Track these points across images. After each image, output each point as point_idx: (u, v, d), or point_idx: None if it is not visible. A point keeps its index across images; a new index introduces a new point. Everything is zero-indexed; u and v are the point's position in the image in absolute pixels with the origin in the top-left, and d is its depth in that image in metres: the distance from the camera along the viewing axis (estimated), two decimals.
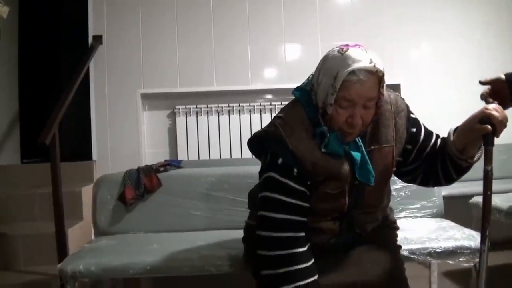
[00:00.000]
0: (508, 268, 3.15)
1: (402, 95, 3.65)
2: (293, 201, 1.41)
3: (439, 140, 1.54)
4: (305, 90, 1.46)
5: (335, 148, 1.39)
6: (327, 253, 1.49)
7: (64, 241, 2.68)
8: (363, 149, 1.42)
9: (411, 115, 1.53)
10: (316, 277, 1.39)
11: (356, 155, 1.41)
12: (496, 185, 3.02)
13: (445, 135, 1.49)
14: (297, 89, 1.49)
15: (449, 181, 1.54)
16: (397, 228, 1.67)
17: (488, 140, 1.37)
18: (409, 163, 1.55)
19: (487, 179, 1.36)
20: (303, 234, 1.42)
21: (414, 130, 1.52)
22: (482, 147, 1.42)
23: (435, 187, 2.42)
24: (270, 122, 1.47)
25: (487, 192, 1.36)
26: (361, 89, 1.32)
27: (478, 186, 1.43)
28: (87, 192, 3.01)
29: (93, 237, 2.43)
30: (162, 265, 1.87)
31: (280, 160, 1.41)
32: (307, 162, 1.39)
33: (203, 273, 1.88)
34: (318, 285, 1.39)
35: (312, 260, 1.42)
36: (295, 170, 1.40)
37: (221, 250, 1.92)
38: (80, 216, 3.18)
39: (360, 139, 1.42)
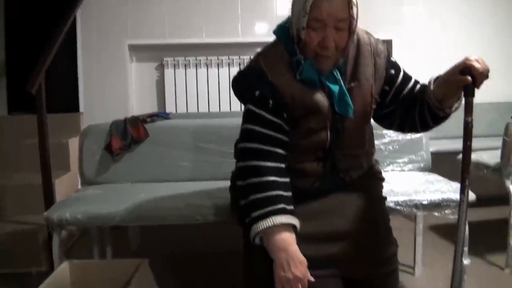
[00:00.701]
0: (494, 224, 3.20)
1: (394, 52, 3.66)
2: (269, 132, 1.42)
3: (418, 86, 1.55)
4: (284, 27, 1.48)
5: (309, 75, 1.40)
6: (311, 199, 1.48)
7: (51, 192, 2.68)
8: (341, 82, 1.43)
9: (391, 58, 1.54)
10: (288, 206, 1.39)
11: (334, 87, 1.42)
12: (484, 143, 3.07)
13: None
14: (277, 26, 1.52)
15: (425, 128, 1.56)
16: (383, 179, 1.66)
17: (468, 91, 1.35)
18: (386, 105, 1.56)
19: (467, 130, 1.35)
20: (279, 165, 1.42)
21: (393, 72, 1.53)
22: (462, 98, 1.41)
23: (424, 141, 2.43)
24: (251, 59, 1.49)
25: (467, 143, 1.36)
26: (329, 8, 1.32)
27: None
28: (74, 144, 2.99)
29: (80, 187, 2.42)
30: (148, 214, 1.87)
31: (257, 93, 1.43)
32: (285, 94, 1.41)
33: (190, 222, 1.89)
34: (291, 213, 1.39)
35: (289, 193, 1.42)
36: (271, 101, 1.41)
37: (208, 200, 1.92)
38: (67, 167, 3.18)
39: (338, 74, 1.43)
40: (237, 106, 3.58)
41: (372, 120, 1.58)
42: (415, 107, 1.51)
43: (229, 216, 1.81)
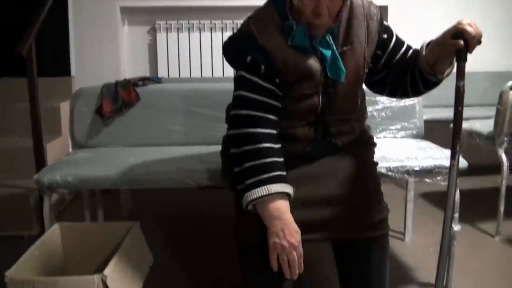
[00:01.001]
0: (485, 193, 3.22)
1: (389, 19, 3.62)
2: (261, 98, 1.39)
3: (410, 51, 1.53)
4: None
5: (301, 40, 1.37)
6: (302, 164, 1.47)
7: (42, 156, 2.67)
8: (334, 47, 1.40)
9: (384, 22, 1.52)
10: (282, 172, 1.38)
11: (326, 52, 1.40)
12: (477, 112, 3.06)
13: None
14: None
15: (416, 93, 1.55)
16: (374, 145, 1.66)
17: (460, 56, 1.33)
18: (378, 70, 1.54)
19: (459, 95, 1.33)
20: (272, 131, 1.41)
21: (385, 36, 1.51)
22: (454, 63, 1.39)
23: (417, 109, 2.42)
24: (242, 23, 1.46)
25: (458, 108, 1.34)
26: None
27: None
28: (65, 108, 2.96)
29: (70, 151, 2.41)
30: (139, 177, 1.86)
31: (248, 58, 1.40)
32: (277, 58, 1.38)
33: (181, 186, 1.88)
34: (285, 180, 1.38)
35: (282, 159, 1.41)
36: (263, 67, 1.39)
37: (199, 164, 1.91)
38: (59, 131, 3.16)
39: (331, 38, 1.41)
40: (230, 71, 3.54)
41: (364, 86, 1.56)
42: (407, 72, 1.50)
43: (220, 180, 1.80)
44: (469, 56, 1.34)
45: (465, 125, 2.77)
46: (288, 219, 1.36)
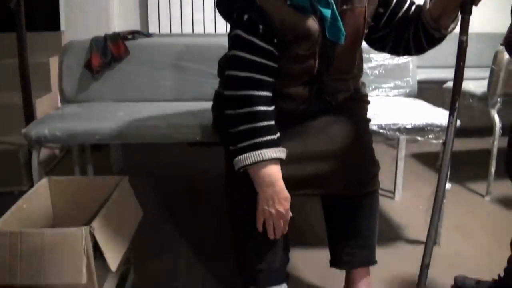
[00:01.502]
0: (477, 154, 3.23)
1: None
2: (259, 59, 1.35)
3: (413, 7, 1.48)
4: None
5: (301, 1, 1.32)
6: (295, 120, 1.45)
7: (32, 112, 2.64)
8: (334, 6, 1.34)
9: None
10: (276, 135, 1.37)
11: (326, 11, 1.34)
12: (471, 73, 3.04)
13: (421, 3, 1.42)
14: None
15: (419, 50, 1.51)
16: (368, 102, 1.64)
17: (465, 8, 1.29)
18: (380, 28, 1.50)
19: (461, 49, 1.30)
20: (268, 93, 1.38)
21: None
22: (458, 18, 1.35)
23: (410, 67, 2.39)
24: None
25: (460, 63, 1.31)
26: None
27: (451, 72, 1.39)
28: (55, 63, 2.90)
29: (60, 105, 2.37)
30: (129, 132, 1.83)
31: (245, 17, 1.34)
32: (275, 18, 1.32)
33: (171, 141, 1.86)
34: (279, 144, 1.36)
35: (274, 121, 1.38)
36: (261, 27, 1.33)
37: (189, 119, 1.88)
38: (48, 87, 3.12)
39: None
40: (222, 28, 3.48)
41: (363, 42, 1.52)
42: (409, 28, 1.45)
43: (211, 136, 1.78)
44: None
45: None
46: (280, 186, 1.35)
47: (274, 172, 1.35)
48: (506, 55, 2.33)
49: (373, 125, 1.83)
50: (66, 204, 1.75)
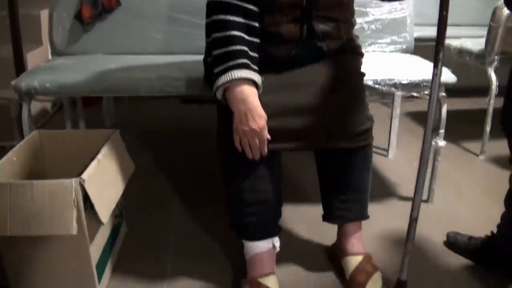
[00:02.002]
0: (473, 114, 3.21)
1: None
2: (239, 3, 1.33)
3: None
4: None
5: None
6: (286, 70, 1.42)
7: (23, 65, 2.58)
8: None
9: None
10: (249, 61, 1.34)
11: None
12: (469, 31, 2.98)
13: None
14: None
15: None
16: (362, 54, 1.60)
17: None
18: None
19: None
20: (247, 22, 1.35)
21: None
22: None
23: (408, 22, 2.34)
24: None
25: (443, 12, 1.26)
26: None
27: (449, 30, 1.35)
28: (46, 16, 2.83)
29: (50, 58, 2.32)
30: (120, 84, 1.80)
31: None
32: None
33: (162, 94, 1.82)
34: (251, 68, 1.34)
35: (255, 54, 1.37)
36: None
37: (180, 72, 1.84)
38: (39, 41, 3.06)
39: None
40: None
41: None
42: None
43: (202, 89, 1.76)
44: None
45: (456, 43, 2.72)
46: (253, 103, 1.32)
47: (246, 90, 1.32)
48: (505, 11, 2.28)
49: (368, 80, 1.80)
50: (57, 158, 1.74)
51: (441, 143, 1.95)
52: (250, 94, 1.32)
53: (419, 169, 1.37)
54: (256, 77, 1.33)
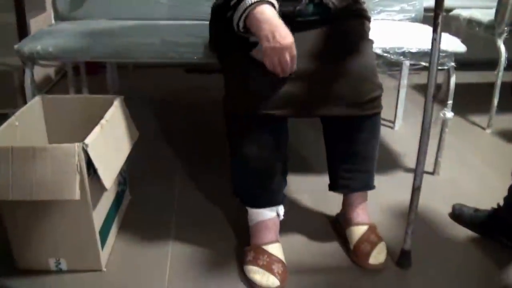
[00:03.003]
0: (482, 87, 3.17)
1: None
2: None
3: None
4: None
5: None
6: (293, 30, 1.37)
7: (26, 32, 2.58)
8: None
9: None
10: None
11: None
12: (479, 2, 2.92)
13: None
14: None
15: None
16: (368, 19, 1.55)
17: None
18: None
19: None
20: None
21: None
22: None
23: None
24: None
25: None
26: None
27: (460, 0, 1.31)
28: None
29: (53, 22, 2.28)
30: (124, 50, 1.76)
31: None
32: None
33: (166, 60, 1.79)
34: None
35: None
36: None
37: (185, 38, 1.80)
38: (43, 7, 3.02)
39: None
40: None
41: None
42: None
43: (208, 56, 1.72)
44: None
45: (465, 13, 2.67)
46: (277, 22, 1.28)
47: (268, 10, 1.28)
48: None
49: (376, 48, 1.75)
50: (60, 123, 1.71)
51: (449, 114, 1.92)
52: (273, 15, 1.28)
53: (421, 137, 1.36)
54: (274, 1, 1.31)
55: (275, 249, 1.46)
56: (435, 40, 1.27)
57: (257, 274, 1.39)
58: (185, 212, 1.77)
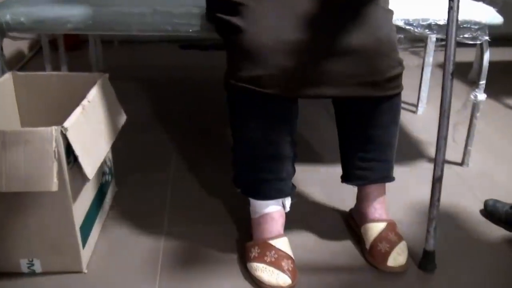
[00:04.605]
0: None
1: None
2: None
3: None
4: None
5: None
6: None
7: None
8: None
9: None
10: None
11: None
12: None
13: None
14: None
15: None
16: None
17: None
18: None
19: None
20: None
21: None
22: None
23: None
24: None
25: None
26: None
27: None
28: None
29: None
30: (108, 20, 1.75)
31: None
32: None
33: (157, 33, 1.78)
34: None
35: None
36: None
37: (179, 8, 1.78)
38: None
39: None
40: None
41: None
42: None
43: (204, 29, 1.72)
44: None
45: None
46: None
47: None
48: None
49: (397, 20, 1.74)
50: (35, 105, 1.71)
51: (481, 96, 1.91)
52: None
53: (440, 119, 1.35)
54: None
55: (283, 243, 1.46)
56: (452, 9, 1.27)
57: (265, 272, 1.40)
58: (179, 205, 1.77)
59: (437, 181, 1.41)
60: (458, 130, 1.86)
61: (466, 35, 1.82)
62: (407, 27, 1.78)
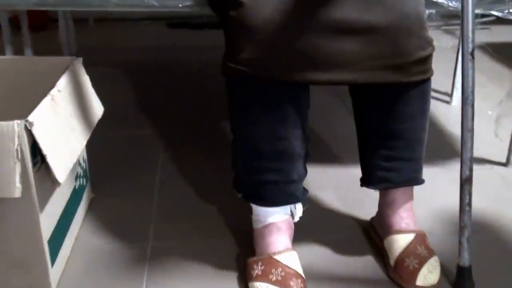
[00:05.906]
0: None
1: None
2: None
3: None
4: None
5: None
6: None
7: None
8: None
9: None
10: None
11: None
12: None
13: None
14: None
15: None
16: None
17: None
18: None
19: None
20: None
21: None
22: None
23: None
24: None
25: None
26: None
27: None
28: None
29: None
30: None
31: None
32: None
33: (141, 9, 1.78)
34: None
35: None
36: None
37: None
38: None
39: None
40: None
41: None
42: None
43: (197, 4, 1.73)
44: None
45: None
46: None
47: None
48: None
49: None
50: None
51: None
52: None
53: (462, 107, 1.38)
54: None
55: (291, 259, 1.46)
56: None
57: None
58: (167, 214, 1.78)
59: (465, 183, 1.41)
60: (501, 124, 1.86)
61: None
62: (440, 0, 1.77)
